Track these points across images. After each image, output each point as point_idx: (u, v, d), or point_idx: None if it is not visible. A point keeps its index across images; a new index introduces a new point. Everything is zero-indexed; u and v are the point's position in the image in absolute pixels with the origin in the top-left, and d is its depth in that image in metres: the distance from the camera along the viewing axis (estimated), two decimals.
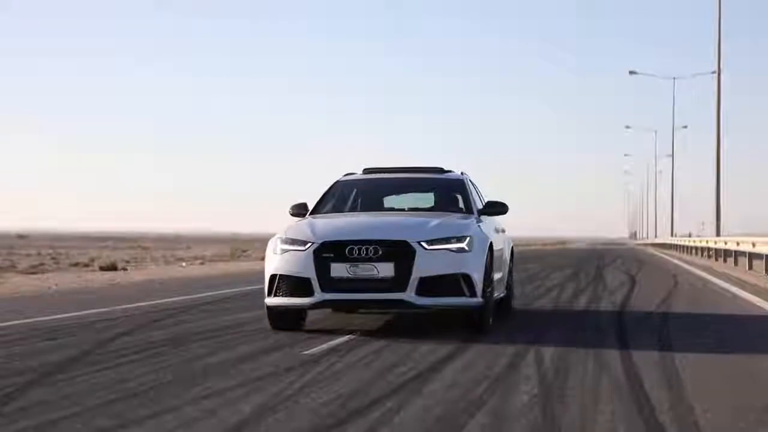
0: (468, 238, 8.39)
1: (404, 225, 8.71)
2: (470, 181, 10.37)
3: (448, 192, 10.10)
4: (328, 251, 8.17)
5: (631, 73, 58.88)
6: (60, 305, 11.71)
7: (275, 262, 8.43)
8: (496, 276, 9.38)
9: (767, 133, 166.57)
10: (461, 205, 9.75)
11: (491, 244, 8.86)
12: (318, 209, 9.81)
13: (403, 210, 9.98)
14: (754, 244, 22.19)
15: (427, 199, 10.21)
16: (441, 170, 10.46)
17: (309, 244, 8.27)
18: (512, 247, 11.51)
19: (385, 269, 8.08)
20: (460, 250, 8.28)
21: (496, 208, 9.89)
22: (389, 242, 8.16)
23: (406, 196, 10.56)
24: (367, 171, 10.67)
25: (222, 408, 5.07)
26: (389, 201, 10.25)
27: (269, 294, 8.44)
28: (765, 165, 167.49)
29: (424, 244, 8.17)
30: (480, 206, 9.89)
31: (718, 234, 35.68)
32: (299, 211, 9.74)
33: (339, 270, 8.12)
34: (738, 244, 25.31)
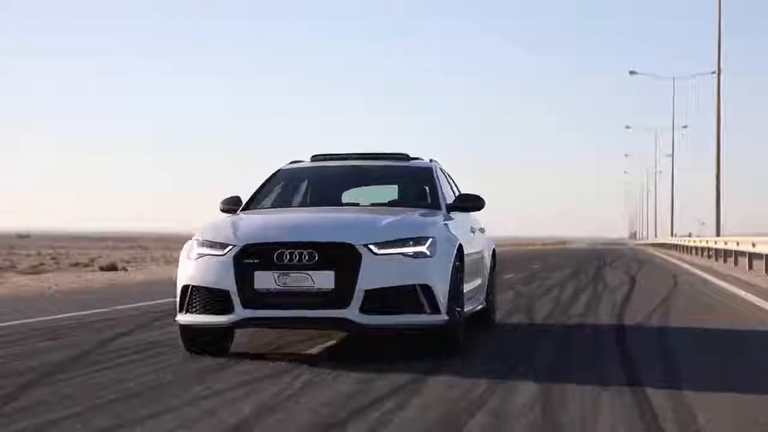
0: (430, 240, 6.86)
1: (348, 223, 7.16)
2: (441, 170, 8.83)
3: (415, 183, 8.52)
4: (251, 256, 6.70)
5: (631, 73, 58.96)
6: (60, 305, 11.71)
7: (189, 270, 6.99)
8: (470, 285, 7.96)
9: (767, 133, 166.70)
10: (429, 199, 8.17)
11: (461, 246, 7.32)
12: (252, 204, 8.22)
13: (356, 205, 8.32)
14: (754, 244, 22.20)
15: (390, 193, 8.67)
16: (406, 157, 8.80)
17: (229, 248, 6.80)
18: (494, 250, 9.89)
19: (323, 279, 6.57)
20: (419, 255, 6.76)
21: (469, 203, 8.27)
22: (328, 245, 6.66)
23: (364, 189, 8.86)
24: (316, 158, 8.97)
25: (222, 408, 5.07)
26: (342, 194, 8.63)
27: (180, 310, 7.02)
28: (765, 165, 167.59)
29: (372, 247, 6.66)
30: (451, 201, 8.28)
31: (718, 234, 35.73)
32: (231, 206, 8.13)
33: (265, 280, 6.63)
34: (738, 244, 25.33)
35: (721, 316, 10.79)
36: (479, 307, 8.63)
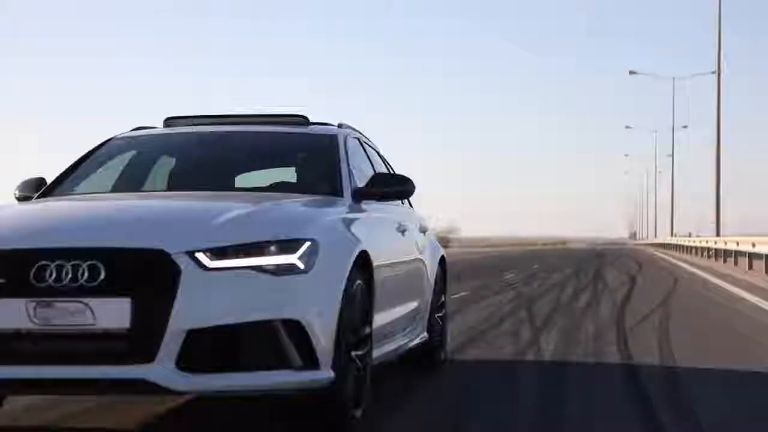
0: (306, 244, 4.12)
1: (164, 217, 4.40)
2: (360, 140, 6.11)
3: (311, 159, 5.70)
4: None
5: (631, 73, 59.04)
6: None
7: None
8: (392, 314, 5.32)
9: (767, 133, 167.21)
10: (327, 181, 5.30)
11: (366, 254, 4.63)
12: (57, 188, 5.42)
13: (226, 191, 5.38)
14: (754, 244, 22.23)
15: (282, 174, 5.87)
16: (304, 121, 5.95)
17: None
18: (443, 257, 6.92)
19: (112, 313, 3.83)
20: (286, 270, 4.03)
21: (390, 187, 5.46)
22: (122, 253, 3.94)
23: (242, 168, 5.94)
24: (171, 122, 6.09)
25: (221, 407, 5.07)
26: (201, 176, 5.60)
27: None
28: (765, 165, 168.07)
29: (201, 256, 3.93)
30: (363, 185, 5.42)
31: (718, 234, 35.76)
32: (31, 193, 5.40)
33: (11, 314, 3.85)
34: (738, 244, 25.36)
35: (721, 316, 10.79)
36: (415, 341, 5.98)
